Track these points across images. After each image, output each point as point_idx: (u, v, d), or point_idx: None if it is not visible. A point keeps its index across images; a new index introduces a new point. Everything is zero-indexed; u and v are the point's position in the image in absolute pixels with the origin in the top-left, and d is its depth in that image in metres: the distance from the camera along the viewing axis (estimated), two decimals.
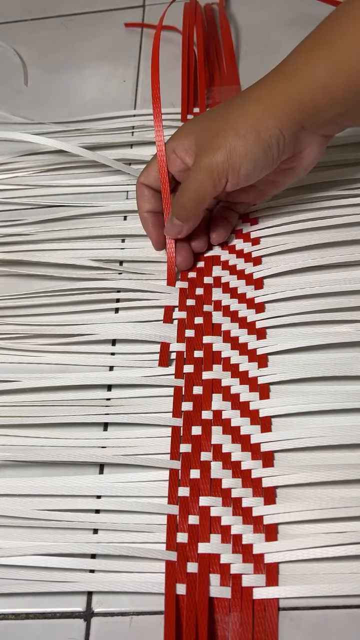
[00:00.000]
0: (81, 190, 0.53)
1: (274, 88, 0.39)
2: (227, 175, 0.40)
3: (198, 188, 0.41)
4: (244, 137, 0.39)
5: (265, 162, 0.40)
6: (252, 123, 0.39)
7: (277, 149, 0.39)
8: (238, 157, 0.39)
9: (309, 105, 0.38)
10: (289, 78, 0.39)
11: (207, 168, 0.40)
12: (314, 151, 0.41)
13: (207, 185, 0.40)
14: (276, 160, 0.40)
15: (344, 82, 0.37)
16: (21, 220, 0.51)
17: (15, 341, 0.44)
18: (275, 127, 0.39)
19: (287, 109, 0.38)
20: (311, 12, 0.57)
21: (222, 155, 0.39)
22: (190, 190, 0.41)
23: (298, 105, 0.38)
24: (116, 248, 0.49)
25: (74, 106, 0.61)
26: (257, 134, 0.39)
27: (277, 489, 0.36)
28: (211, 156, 0.40)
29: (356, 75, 0.37)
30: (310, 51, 0.38)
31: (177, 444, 0.38)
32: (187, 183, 0.41)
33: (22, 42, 0.69)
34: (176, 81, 0.59)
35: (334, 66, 0.37)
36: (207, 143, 0.40)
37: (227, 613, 0.33)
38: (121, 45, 0.66)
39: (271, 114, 0.39)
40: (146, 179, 0.45)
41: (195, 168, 0.41)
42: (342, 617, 0.32)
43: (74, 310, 0.45)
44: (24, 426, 0.40)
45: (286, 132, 0.39)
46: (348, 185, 0.48)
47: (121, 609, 0.34)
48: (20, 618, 0.34)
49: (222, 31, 0.63)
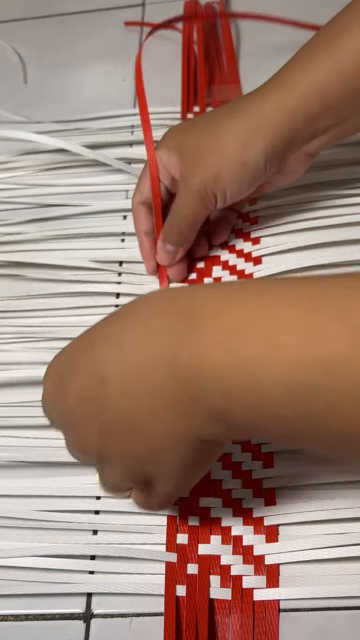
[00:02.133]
0: (81, 190, 0.53)
1: (267, 99, 0.39)
2: (216, 195, 0.40)
3: (191, 211, 0.41)
4: (230, 160, 0.39)
5: (252, 181, 0.40)
6: (240, 145, 0.39)
7: (263, 169, 0.40)
8: (225, 179, 0.39)
9: (302, 113, 0.38)
10: (284, 86, 0.39)
11: (197, 190, 0.40)
12: (295, 170, 0.42)
13: (199, 207, 0.40)
14: (262, 178, 0.41)
15: (339, 85, 0.37)
16: (20, 220, 0.51)
17: (15, 343, 0.44)
18: (262, 150, 0.39)
19: (277, 123, 0.38)
20: (312, 10, 0.57)
21: (211, 176, 0.39)
22: (183, 214, 0.41)
23: (290, 115, 0.38)
24: (116, 248, 0.48)
25: (73, 105, 0.60)
26: (244, 156, 0.39)
27: (277, 490, 0.36)
28: (200, 177, 0.39)
29: (351, 77, 0.37)
30: (311, 54, 0.38)
31: None
32: (178, 207, 0.41)
33: (21, 41, 0.68)
34: (176, 80, 0.59)
35: (331, 67, 0.37)
36: (195, 163, 0.40)
37: (228, 614, 0.32)
38: (121, 43, 0.66)
39: (259, 131, 0.38)
40: (141, 196, 0.44)
41: (185, 191, 0.41)
42: (343, 619, 0.32)
43: (73, 313, 0.45)
44: (23, 427, 0.40)
45: (273, 151, 0.39)
46: (348, 185, 0.47)
47: (121, 610, 0.34)
48: (19, 619, 0.34)
49: (222, 30, 0.63)
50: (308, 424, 0.22)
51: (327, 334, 0.21)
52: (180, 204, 0.41)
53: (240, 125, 0.39)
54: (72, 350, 0.29)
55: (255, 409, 0.23)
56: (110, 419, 0.26)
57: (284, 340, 0.21)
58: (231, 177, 0.39)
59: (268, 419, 0.23)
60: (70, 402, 0.27)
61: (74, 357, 0.28)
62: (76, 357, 0.28)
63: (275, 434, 0.24)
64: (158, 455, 0.26)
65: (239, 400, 0.23)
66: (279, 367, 0.21)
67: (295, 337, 0.21)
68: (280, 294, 0.23)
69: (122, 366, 0.25)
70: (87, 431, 0.27)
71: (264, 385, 0.22)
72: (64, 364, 0.28)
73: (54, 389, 0.28)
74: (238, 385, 0.23)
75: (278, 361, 0.21)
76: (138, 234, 0.45)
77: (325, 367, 0.21)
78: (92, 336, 0.28)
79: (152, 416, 0.25)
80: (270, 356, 0.22)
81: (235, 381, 0.23)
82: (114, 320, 0.27)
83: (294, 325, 0.22)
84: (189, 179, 0.40)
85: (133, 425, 0.26)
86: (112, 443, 0.27)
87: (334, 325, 0.21)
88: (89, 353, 0.27)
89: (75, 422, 0.28)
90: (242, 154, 0.39)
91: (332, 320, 0.21)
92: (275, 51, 0.45)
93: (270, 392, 0.22)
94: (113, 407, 0.26)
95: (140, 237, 0.45)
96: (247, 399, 0.23)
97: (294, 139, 0.39)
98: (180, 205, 0.41)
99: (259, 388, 0.22)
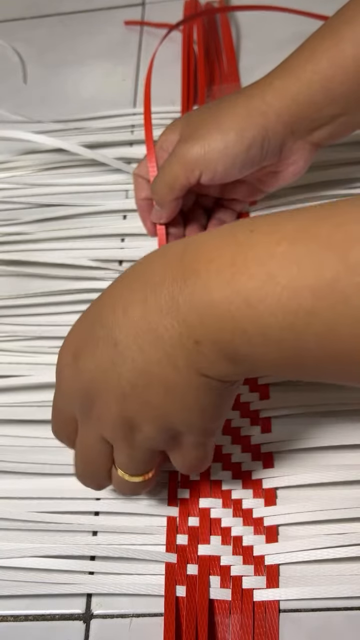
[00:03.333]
0: (80, 189, 0.53)
1: (269, 84, 0.39)
2: (201, 168, 0.39)
3: (171, 176, 0.41)
4: (225, 132, 0.38)
5: (246, 160, 0.39)
6: (238, 119, 0.38)
7: (260, 149, 0.39)
8: (216, 152, 0.39)
9: (305, 100, 0.38)
10: (288, 74, 0.38)
11: (180, 158, 0.40)
12: (301, 159, 0.41)
13: (179, 174, 0.40)
14: (259, 161, 0.40)
15: (343, 75, 0.37)
16: (20, 220, 0.51)
17: (13, 343, 0.44)
18: (261, 127, 0.38)
19: (277, 107, 0.38)
20: (312, 9, 0.57)
21: (199, 147, 0.39)
22: (164, 177, 0.41)
23: (292, 102, 0.38)
24: (116, 247, 0.48)
25: (73, 104, 0.60)
26: (240, 131, 0.38)
27: (277, 490, 0.36)
28: (188, 147, 0.39)
29: (354, 69, 0.37)
30: (314, 45, 0.38)
31: None
32: (162, 169, 0.42)
33: (21, 40, 0.68)
34: (176, 79, 0.59)
35: (335, 58, 0.37)
36: (189, 133, 0.40)
37: (228, 615, 0.32)
38: (121, 43, 0.66)
39: (260, 112, 0.38)
40: (139, 169, 0.45)
41: (171, 155, 0.41)
42: (343, 619, 0.32)
43: (73, 310, 0.45)
44: (22, 425, 0.40)
45: (272, 133, 0.38)
46: (348, 185, 0.47)
47: (121, 610, 0.34)
48: (19, 620, 0.34)
49: (222, 29, 0.63)
50: (309, 346, 0.23)
51: (317, 262, 0.23)
52: (165, 166, 0.41)
53: (242, 107, 0.39)
54: (80, 328, 0.29)
55: (258, 339, 0.24)
56: (128, 379, 0.27)
57: (276, 273, 0.23)
58: (224, 150, 0.39)
59: (270, 345, 0.24)
60: (88, 373, 0.28)
61: (86, 328, 0.29)
62: (88, 327, 0.29)
63: (279, 362, 0.25)
64: (178, 405, 0.27)
65: (241, 331, 0.24)
66: (275, 298, 0.23)
67: (287, 270, 0.23)
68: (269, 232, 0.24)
69: (130, 325, 0.27)
70: (108, 401, 0.28)
71: (263, 313, 0.23)
72: (78, 335, 0.29)
73: (71, 361, 0.29)
74: (239, 318, 0.24)
75: (273, 292, 0.23)
76: (137, 201, 0.47)
77: (318, 293, 0.22)
78: (98, 308, 0.29)
79: (164, 366, 0.26)
80: (266, 288, 0.23)
81: (236, 314, 0.24)
82: (116, 287, 0.29)
83: (285, 258, 0.23)
84: (180, 145, 0.40)
85: (149, 380, 0.27)
86: (135, 404, 0.27)
87: (323, 253, 0.23)
88: (98, 325, 0.28)
89: (94, 394, 0.28)
90: (239, 127, 0.38)
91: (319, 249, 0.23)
92: (276, 50, 0.45)
93: (270, 318, 0.23)
94: (128, 367, 0.27)
95: (139, 203, 0.47)
96: (249, 329, 0.24)
97: (297, 126, 0.39)
98: (164, 168, 0.41)
99: (258, 316, 0.24)
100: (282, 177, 0.43)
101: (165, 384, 0.27)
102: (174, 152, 0.41)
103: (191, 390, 0.27)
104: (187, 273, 0.25)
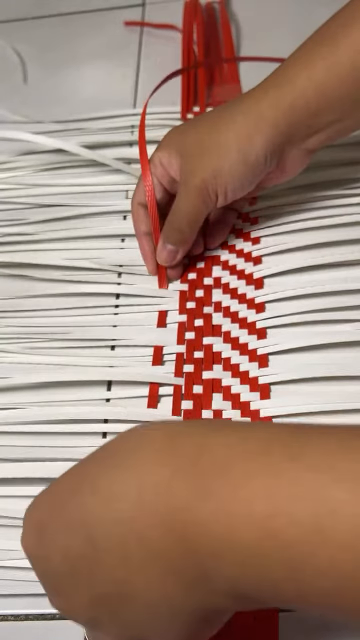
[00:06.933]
0: (80, 190, 0.53)
1: (265, 95, 0.39)
2: (217, 193, 0.40)
3: (191, 209, 0.41)
4: (230, 158, 0.39)
5: (253, 179, 0.40)
6: (239, 143, 0.39)
7: (263, 166, 0.40)
8: (225, 176, 0.39)
9: (301, 108, 0.38)
10: (283, 82, 0.39)
11: (197, 189, 0.40)
12: (295, 166, 0.42)
13: (199, 205, 0.40)
14: (262, 174, 0.41)
15: (337, 82, 0.37)
16: (20, 220, 0.51)
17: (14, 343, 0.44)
18: (261, 147, 0.39)
19: (274, 120, 0.38)
20: (312, 10, 0.57)
21: (210, 174, 0.39)
22: (184, 213, 0.41)
23: (288, 111, 0.38)
24: (116, 248, 0.48)
25: (73, 105, 0.60)
26: (244, 156, 0.39)
27: None
28: (200, 176, 0.40)
29: (348, 75, 0.37)
30: (310, 51, 0.38)
31: None
32: (179, 207, 0.41)
33: (21, 40, 0.68)
34: (176, 79, 0.59)
35: (331, 64, 0.37)
36: (195, 162, 0.40)
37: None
38: (121, 43, 0.66)
39: (258, 129, 0.38)
40: (140, 197, 0.43)
41: (185, 190, 0.41)
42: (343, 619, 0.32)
43: (73, 313, 0.45)
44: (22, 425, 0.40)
45: (273, 147, 0.39)
46: (348, 185, 0.47)
47: None
48: (19, 619, 0.34)
49: (222, 29, 0.63)
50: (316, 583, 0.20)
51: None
52: (180, 204, 0.41)
53: (240, 123, 0.39)
54: (55, 493, 0.25)
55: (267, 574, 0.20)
56: (101, 586, 0.22)
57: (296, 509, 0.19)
58: (232, 175, 0.39)
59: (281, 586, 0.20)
60: (54, 562, 0.23)
61: (57, 504, 0.24)
62: (59, 504, 0.24)
63: (288, 595, 0.21)
64: (156, 626, 0.23)
65: (253, 570, 0.20)
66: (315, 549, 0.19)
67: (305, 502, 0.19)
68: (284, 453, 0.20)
69: (112, 523, 0.21)
70: (75, 597, 0.23)
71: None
72: (46, 510, 0.24)
73: (36, 542, 0.24)
74: (256, 555, 0.20)
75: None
76: (138, 235, 0.45)
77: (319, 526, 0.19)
78: (77, 478, 0.24)
79: (150, 585, 0.22)
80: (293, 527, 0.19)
81: (255, 551, 0.20)
82: (102, 460, 0.24)
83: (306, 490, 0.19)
84: (189, 179, 0.40)
85: (127, 596, 0.22)
86: (105, 613, 0.23)
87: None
88: (72, 502, 0.23)
89: (60, 585, 0.24)
90: (242, 151, 0.39)
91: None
92: (275, 51, 0.45)
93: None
94: (104, 573, 0.22)
95: (140, 238, 0.45)
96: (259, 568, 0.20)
97: (294, 134, 0.39)
98: (181, 204, 0.41)
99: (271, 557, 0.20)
100: (276, 179, 0.43)
101: (145, 607, 0.22)
102: (186, 186, 0.40)
103: (177, 617, 0.23)
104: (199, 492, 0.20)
